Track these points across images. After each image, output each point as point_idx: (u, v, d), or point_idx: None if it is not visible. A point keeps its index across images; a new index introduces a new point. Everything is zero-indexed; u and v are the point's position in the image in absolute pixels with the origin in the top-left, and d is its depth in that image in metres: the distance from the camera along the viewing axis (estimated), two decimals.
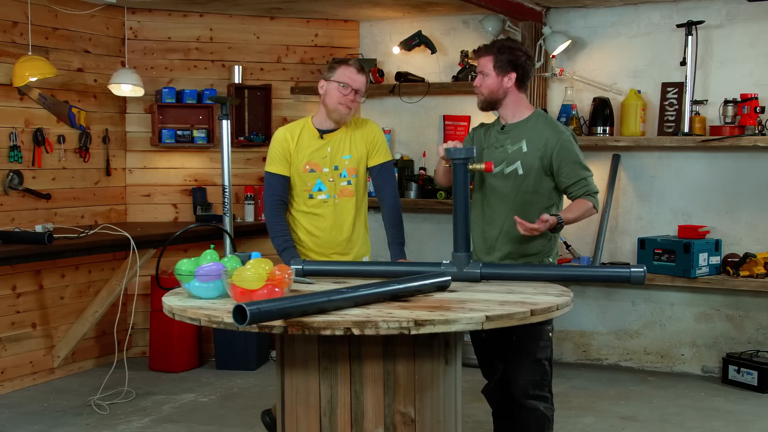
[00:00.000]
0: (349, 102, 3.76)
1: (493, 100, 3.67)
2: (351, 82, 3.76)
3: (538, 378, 3.54)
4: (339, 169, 3.83)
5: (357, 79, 3.77)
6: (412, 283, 2.93)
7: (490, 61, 3.62)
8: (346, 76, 3.76)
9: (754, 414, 4.85)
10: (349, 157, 3.84)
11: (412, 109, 6.30)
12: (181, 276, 2.97)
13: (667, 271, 5.42)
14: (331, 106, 3.78)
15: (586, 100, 5.81)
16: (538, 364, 3.54)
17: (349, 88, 3.75)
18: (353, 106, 3.79)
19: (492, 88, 3.63)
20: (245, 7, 5.98)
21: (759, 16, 5.41)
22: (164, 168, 6.19)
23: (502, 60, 3.61)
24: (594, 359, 5.99)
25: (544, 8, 5.84)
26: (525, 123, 3.67)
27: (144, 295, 5.99)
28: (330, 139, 3.84)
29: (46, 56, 5.40)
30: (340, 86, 3.75)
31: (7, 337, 5.30)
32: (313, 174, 3.82)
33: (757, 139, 5.17)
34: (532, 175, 3.60)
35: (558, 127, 3.66)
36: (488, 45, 3.70)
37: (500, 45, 3.66)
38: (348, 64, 3.80)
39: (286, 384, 2.89)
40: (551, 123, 3.70)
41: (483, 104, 3.70)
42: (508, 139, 3.66)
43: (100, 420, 4.75)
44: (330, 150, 3.83)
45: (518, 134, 3.65)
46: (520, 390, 3.54)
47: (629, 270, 3.16)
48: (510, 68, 3.61)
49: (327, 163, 3.82)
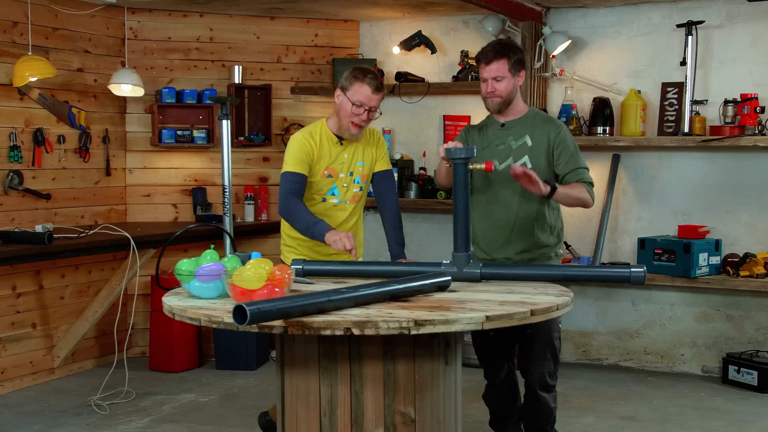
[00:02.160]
0: (361, 121, 3.74)
1: (509, 102, 3.72)
2: (366, 101, 3.71)
3: (553, 369, 3.71)
4: (354, 174, 3.86)
5: (373, 99, 3.72)
6: (412, 283, 2.93)
7: (505, 64, 3.65)
8: (363, 95, 3.70)
9: (754, 414, 4.85)
10: (362, 164, 3.87)
11: (412, 109, 6.30)
12: (181, 276, 2.97)
13: (667, 271, 5.42)
14: (344, 122, 3.76)
15: (586, 100, 5.81)
16: (553, 355, 3.70)
17: (363, 108, 3.72)
18: (365, 125, 3.78)
19: (509, 90, 3.69)
20: (245, 7, 5.98)
21: (759, 16, 5.41)
22: (164, 168, 6.19)
23: (516, 60, 3.68)
24: (594, 359, 5.99)
25: (544, 8, 5.84)
26: (525, 119, 3.75)
27: (144, 295, 5.99)
28: (348, 145, 3.85)
29: (46, 56, 5.40)
30: (355, 104, 3.71)
31: (7, 337, 5.30)
32: (330, 179, 3.83)
33: (757, 139, 5.17)
34: (540, 168, 3.68)
35: (556, 121, 3.80)
36: (496, 49, 3.68)
37: (508, 46, 3.70)
38: (365, 81, 3.70)
39: (286, 384, 2.89)
40: (549, 118, 3.82)
41: (499, 107, 3.72)
42: (510, 136, 3.71)
43: (100, 420, 4.75)
44: (347, 156, 3.84)
45: (520, 130, 3.71)
46: (537, 381, 3.69)
47: (629, 270, 3.17)
48: (520, 67, 3.71)
49: (344, 169, 3.84)
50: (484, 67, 3.67)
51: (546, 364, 3.69)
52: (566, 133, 3.74)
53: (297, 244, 3.89)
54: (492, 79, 3.65)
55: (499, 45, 3.71)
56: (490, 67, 3.65)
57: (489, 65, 3.66)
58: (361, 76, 3.71)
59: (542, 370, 3.68)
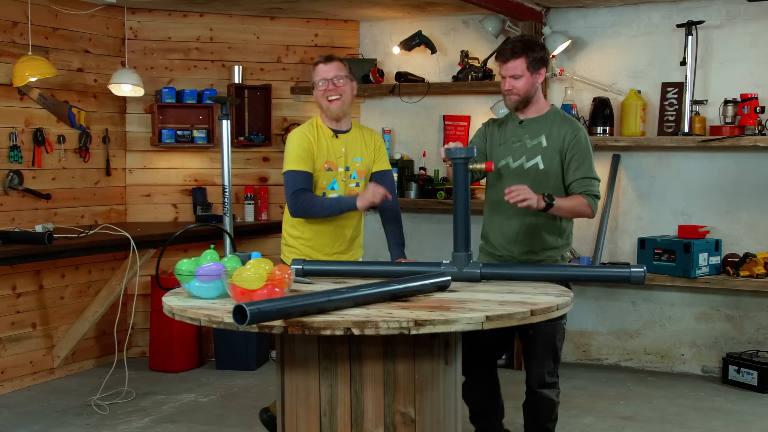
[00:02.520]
0: (330, 92, 3.82)
1: (527, 100, 3.68)
2: (323, 74, 3.83)
3: (553, 368, 3.71)
4: (350, 170, 3.88)
5: (326, 69, 3.83)
6: (412, 283, 2.93)
7: (523, 62, 3.61)
8: (318, 73, 3.85)
9: (754, 414, 4.85)
10: (360, 160, 3.89)
11: (412, 109, 6.30)
12: (181, 276, 2.97)
13: (667, 271, 5.41)
14: (322, 106, 3.87)
15: (586, 100, 5.81)
16: (554, 355, 3.70)
17: (324, 81, 3.82)
18: (337, 93, 3.83)
19: (527, 88, 3.65)
20: (245, 7, 5.98)
21: (759, 16, 5.41)
22: (164, 168, 6.19)
23: (535, 59, 3.62)
24: (594, 359, 5.99)
25: (544, 8, 5.84)
26: (544, 118, 3.70)
27: (144, 295, 5.99)
28: (344, 138, 3.88)
29: (46, 56, 5.40)
30: (319, 84, 3.84)
31: (7, 337, 5.30)
32: (330, 173, 3.85)
33: (757, 139, 5.16)
34: (552, 169, 3.65)
35: (575, 123, 3.71)
36: (515, 47, 3.64)
37: (528, 44, 3.65)
38: (316, 63, 3.89)
39: (286, 384, 2.89)
40: (569, 119, 3.74)
41: (517, 104, 3.69)
42: (527, 134, 3.68)
43: (100, 420, 4.75)
44: (345, 150, 3.87)
45: (537, 129, 3.68)
46: (537, 380, 3.70)
47: (629, 270, 3.17)
48: (541, 65, 3.66)
49: (342, 163, 3.86)
50: (503, 64, 3.65)
51: (546, 363, 3.69)
52: (582, 137, 3.65)
53: (299, 243, 3.89)
54: (510, 77, 3.63)
55: (520, 43, 3.65)
56: (508, 65, 3.62)
57: (507, 63, 3.63)
58: (314, 65, 3.91)
59: (542, 370, 3.69)
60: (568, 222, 3.78)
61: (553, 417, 3.79)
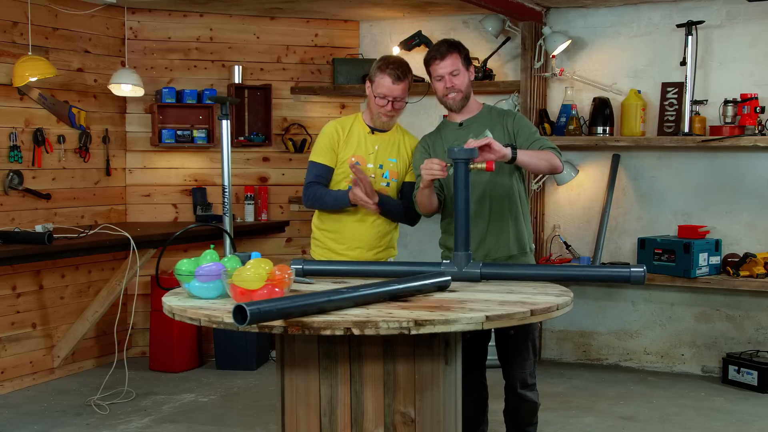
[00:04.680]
0: (386, 112, 3.75)
1: (467, 97, 3.67)
2: (388, 93, 3.71)
3: (533, 368, 3.70)
4: (383, 168, 3.82)
5: (394, 89, 3.71)
6: (412, 283, 2.93)
7: (458, 58, 3.60)
8: (384, 87, 3.71)
9: (754, 414, 4.85)
10: (395, 161, 3.83)
11: (412, 109, 6.22)
12: (181, 276, 2.97)
13: (667, 271, 5.41)
14: (374, 111, 3.80)
15: (586, 100, 5.81)
16: (535, 355, 3.70)
17: (386, 99, 3.73)
18: (393, 114, 3.78)
19: (467, 83, 3.65)
20: (245, 7, 5.98)
21: (759, 16, 5.41)
22: (164, 168, 6.19)
23: (465, 55, 3.65)
24: (594, 359, 5.99)
25: (544, 8, 5.84)
26: (481, 116, 3.70)
27: (144, 295, 5.99)
28: (380, 137, 3.83)
29: (46, 56, 5.40)
30: (378, 98, 3.74)
31: (7, 337, 5.30)
32: (358, 167, 3.78)
33: (757, 139, 5.16)
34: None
35: (509, 111, 3.76)
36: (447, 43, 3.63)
37: (455, 42, 3.66)
38: (386, 73, 3.71)
39: (286, 384, 2.89)
40: (502, 110, 3.77)
41: (462, 103, 3.66)
42: (470, 133, 3.61)
43: (100, 420, 4.75)
44: (377, 148, 3.81)
45: (479, 126, 3.65)
46: (520, 382, 3.67)
47: (629, 270, 3.16)
48: (470, 63, 3.68)
49: (372, 160, 3.81)
50: (439, 63, 3.60)
51: (527, 364, 3.66)
52: (521, 117, 3.70)
53: (323, 236, 3.88)
54: (449, 75, 3.59)
55: (447, 42, 3.66)
56: (446, 62, 3.59)
57: (444, 60, 3.59)
58: (383, 67, 3.72)
59: (524, 370, 3.65)
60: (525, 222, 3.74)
61: (534, 420, 3.75)
